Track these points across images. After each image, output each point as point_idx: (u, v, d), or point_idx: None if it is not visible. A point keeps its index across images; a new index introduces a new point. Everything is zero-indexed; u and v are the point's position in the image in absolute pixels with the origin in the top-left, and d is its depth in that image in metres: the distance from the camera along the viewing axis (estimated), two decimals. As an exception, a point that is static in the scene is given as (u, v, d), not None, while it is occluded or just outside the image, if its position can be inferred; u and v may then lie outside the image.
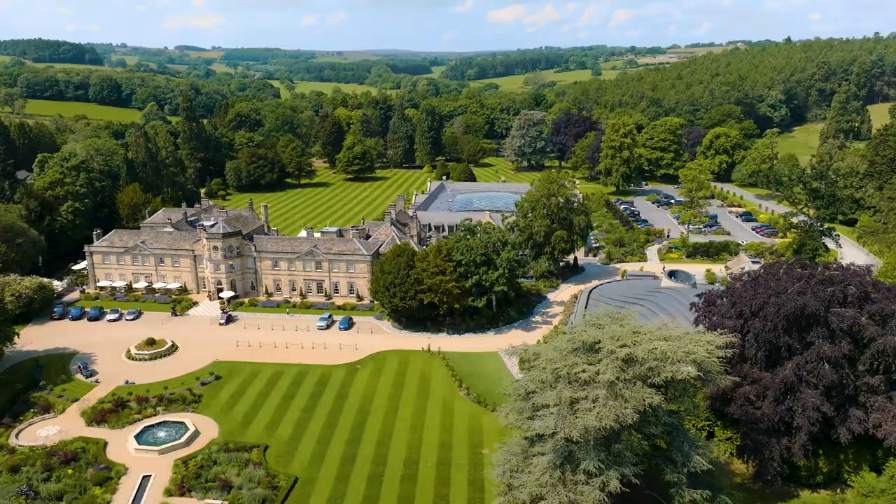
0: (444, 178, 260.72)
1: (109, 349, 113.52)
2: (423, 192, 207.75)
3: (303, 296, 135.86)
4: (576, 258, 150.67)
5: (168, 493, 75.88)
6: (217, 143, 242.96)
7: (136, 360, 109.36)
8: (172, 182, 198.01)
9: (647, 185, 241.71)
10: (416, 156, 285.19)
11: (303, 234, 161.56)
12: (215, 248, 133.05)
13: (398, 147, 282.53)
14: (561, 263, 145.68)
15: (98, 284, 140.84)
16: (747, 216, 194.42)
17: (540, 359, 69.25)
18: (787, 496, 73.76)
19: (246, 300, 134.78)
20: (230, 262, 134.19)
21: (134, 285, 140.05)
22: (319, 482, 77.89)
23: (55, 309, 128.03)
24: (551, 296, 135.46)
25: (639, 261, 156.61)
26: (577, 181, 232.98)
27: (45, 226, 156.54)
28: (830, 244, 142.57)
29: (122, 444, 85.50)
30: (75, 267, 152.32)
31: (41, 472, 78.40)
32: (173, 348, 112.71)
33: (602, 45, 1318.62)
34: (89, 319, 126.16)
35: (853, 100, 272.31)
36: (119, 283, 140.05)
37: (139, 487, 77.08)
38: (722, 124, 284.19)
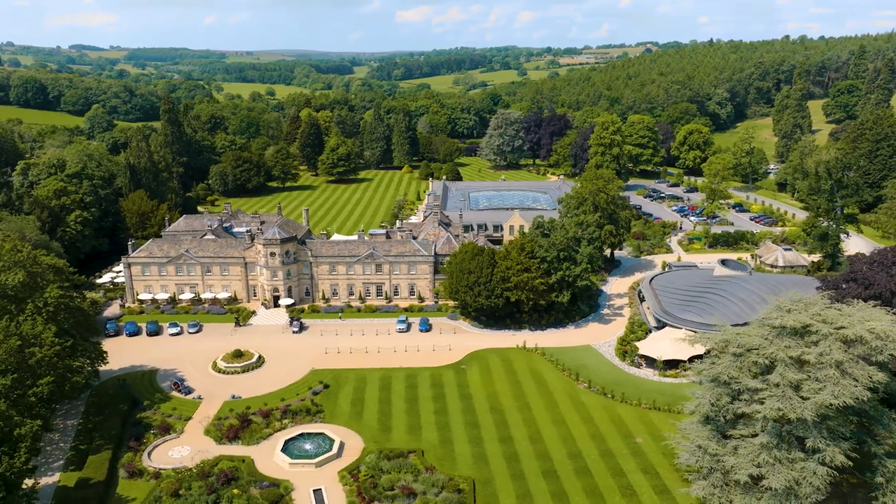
0: (429, 177, 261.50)
1: (189, 364, 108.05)
2: (427, 193, 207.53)
3: (362, 299, 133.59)
4: (612, 252, 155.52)
5: (351, 504, 73.92)
6: (198, 147, 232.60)
7: (227, 373, 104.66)
8: (169, 189, 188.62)
9: (629, 180, 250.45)
10: (393, 156, 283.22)
11: (336, 237, 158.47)
12: (272, 254, 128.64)
13: (376, 148, 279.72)
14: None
15: (138, 297, 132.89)
16: (739, 207, 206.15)
17: (731, 346, 72.53)
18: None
19: (305, 306, 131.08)
20: (288, 269, 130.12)
21: (179, 296, 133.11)
22: (497, 482, 77.92)
23: (108, 325, 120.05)
24: (605, 289, 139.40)
25: (666, 252, 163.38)
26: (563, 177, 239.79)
27: (57, 238, 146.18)
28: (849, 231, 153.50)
29: (267, 459, 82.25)
30: (100, 280, 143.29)
31: (206, 493, 74.41)
32: (261, 359, 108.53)
33: (512, 45, 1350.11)
34: (148, 334, 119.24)
35: (803, 98, 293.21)
36: (162, 295, 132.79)
37: (316, 502, 74.65)
38: (680, 121, 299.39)
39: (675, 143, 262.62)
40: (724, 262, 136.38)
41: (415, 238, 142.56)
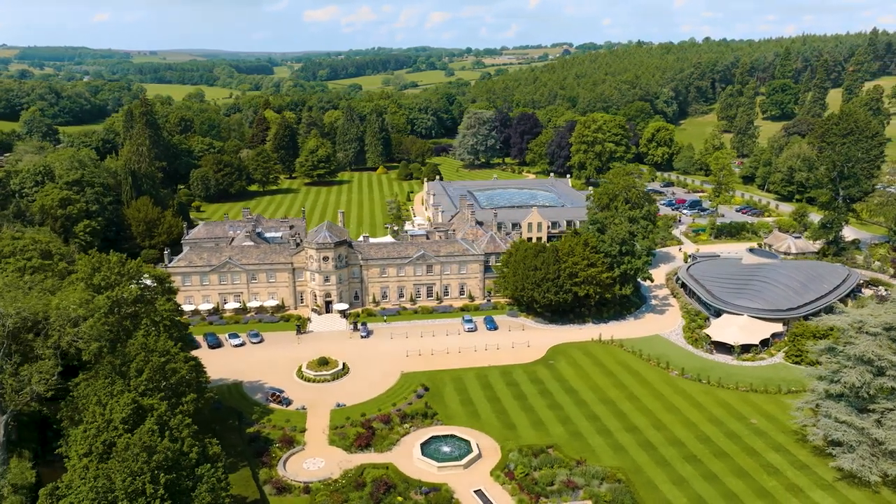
0: (409, 178, 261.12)
1: (270, 374, 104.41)
2: (422, 193, 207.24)
3: (413, 301, 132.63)
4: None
5: (521, 502, 74.10)
6: (175, 151, 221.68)
7: (317, 381, 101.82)
8: (168, 195, 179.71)
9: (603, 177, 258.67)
10: (367, 157, 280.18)
11: (361, 239, 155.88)
12: (325, 258, 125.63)
13: (349, 149, 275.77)
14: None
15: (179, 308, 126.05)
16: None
17: (867, 326, 77.87)
18: None
19: (359, 310, 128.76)
20: (340, 273, 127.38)
21: (223, 306, 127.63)
22: (647, 470, 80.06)
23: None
24: (642, 281, 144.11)
25: (677, 244, 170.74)
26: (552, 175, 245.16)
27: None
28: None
29: (408, 464, 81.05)
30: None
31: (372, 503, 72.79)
32: (346, 366, 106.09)
33: (426, 45, 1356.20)
34: (210, 347, 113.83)
35: (754, 96, 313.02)
36: (205, 306, 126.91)
37: (486, 502, 74.45)
38: (635, 119, 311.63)
39: (643, 140, 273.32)
40: (752, 251, 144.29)
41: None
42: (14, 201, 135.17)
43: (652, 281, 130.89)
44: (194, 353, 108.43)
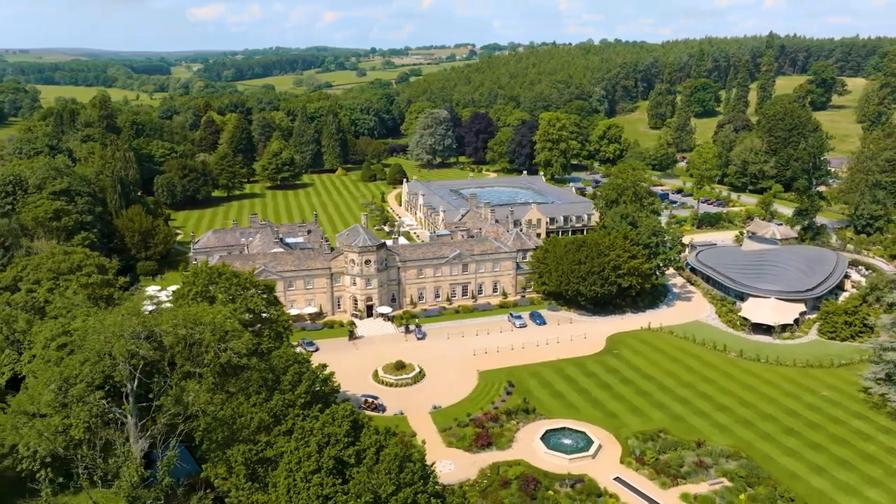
0: (373, 179, 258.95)
1: (344, 381, 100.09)
2: (397, 193, 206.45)
3: (449, 301, 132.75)
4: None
5: (663, 485, 77.03)
6: (136, 156, 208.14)
7: (399, 385, 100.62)
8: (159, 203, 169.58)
9: (571, 173, 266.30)
10: (325, 159, 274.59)
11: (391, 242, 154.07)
12: (368, 262, 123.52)
13: (306, 151, 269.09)
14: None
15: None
16: (682, 193, 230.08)
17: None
18: None
19: (400, 312, 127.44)
20: (380, 276, 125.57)
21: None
22: (757, 445, 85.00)
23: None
24: (675, 269, 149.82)
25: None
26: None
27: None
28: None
29: (536, 458, 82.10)
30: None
31: (528, 501, 73.30)
32: (422, 369, 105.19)
33: (323, 45, 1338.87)
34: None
35: (689, 94, 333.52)
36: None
37: (630, 488, 76.78)
38: (578, 117, 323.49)
39: (594, 137, 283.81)
40: (751, 237, 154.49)
41: (472, 236, 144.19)
42: (15, 215, 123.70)
43: (684, 269, 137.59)
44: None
